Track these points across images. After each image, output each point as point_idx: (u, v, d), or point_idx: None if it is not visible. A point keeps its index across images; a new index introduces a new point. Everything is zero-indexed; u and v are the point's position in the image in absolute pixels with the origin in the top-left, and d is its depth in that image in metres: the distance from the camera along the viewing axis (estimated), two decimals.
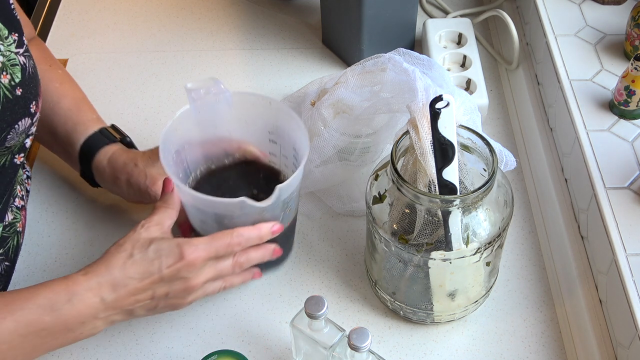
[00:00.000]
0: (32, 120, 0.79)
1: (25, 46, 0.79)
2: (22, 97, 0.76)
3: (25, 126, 0.78)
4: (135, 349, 0.83)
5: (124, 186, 0.87)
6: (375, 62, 0.86)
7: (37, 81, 0.80)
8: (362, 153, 0.92)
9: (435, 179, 0.72)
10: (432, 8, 1.24)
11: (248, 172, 0.90)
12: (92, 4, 1.27)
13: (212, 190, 0.88)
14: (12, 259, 0.87)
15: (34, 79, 0.79)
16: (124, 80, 1.14)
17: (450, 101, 0.69)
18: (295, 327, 0.75)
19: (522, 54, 1.11)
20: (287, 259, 0.89)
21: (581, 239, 0.89)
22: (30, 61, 0.79)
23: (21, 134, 0.78)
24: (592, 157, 0.87)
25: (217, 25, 1.23)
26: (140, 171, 0.86)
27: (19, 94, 0.76)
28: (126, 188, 0.87)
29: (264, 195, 0.79)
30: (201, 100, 0.83)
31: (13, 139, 0.77)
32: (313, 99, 0.93)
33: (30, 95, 0.78)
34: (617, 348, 0.78)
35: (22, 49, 0.77)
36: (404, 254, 0.76)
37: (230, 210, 0.77)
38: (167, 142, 0.81)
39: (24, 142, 0.80)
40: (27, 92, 0.77)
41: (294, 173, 0.77)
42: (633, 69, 0.87)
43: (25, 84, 0.77)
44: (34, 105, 0.78)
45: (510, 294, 0.88)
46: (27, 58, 0.78)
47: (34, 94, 0.79)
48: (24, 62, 0.77)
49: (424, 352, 0.83)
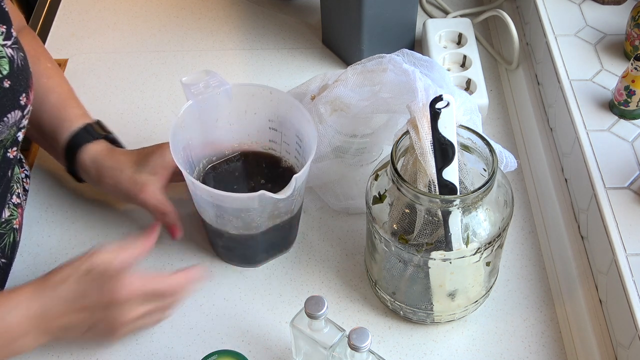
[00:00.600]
0: (22, 113, 0.78)
1: (14, 38, 0.78)
2: (10, 90, 0.76)
3: (15, 119, 0.77)
4: (135, 349, 0.83)
5: (110, 188, 0.88)
6: (377, 62, 0.86)
7: (28, 73, 0.80)
8: (357, 153, 0.92)
9: (435, 179, 0.72)
10: (432, 8, 1.24)
11: (249, 162, 0.92)
12: (92, 4, 1.27)
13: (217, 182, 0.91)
14: (9, 256, 0.87)
15: (23, 71, 0.78)
16: (124, 80, 1.14)
17: (450, 101, 0.69)
18: (295, 327, 0.75)
19: (522, 54, 1.11)
20: (292, 245, 0.92)
21: (581, 239, 0.89)
22: (20, 53, 0.78)
23: (12, 127, 0.78)
24: (592, 157, 0.87)
25: (217, 25, 1.23)
26: (127, 178, 0.86)
27: (7, 86, 0.75)
28: (113, 190, 0.88)
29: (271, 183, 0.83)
30: (202, 94, 0.84)
31: (3, 132, 0.77)
32: (314, 93, 0.93)
33: (20, 88, 0.77)
34: (617, 348, 0.78)
35: (9, 41, 0.77)
36: (404, 254, 0.76)
37: (248, 204, 0.78)
38: (175, 140, 0.82)
39: (15, 135, 0.80)
40: (16, 85, 0.76)
41: (307, 162, 0.79)
42: (633, 69, 0.87)
43: (13, 76, 0.76)
44: (24, 98, 0.78)
45: (510, 294, 0.88)
46: (15, 50, 0.77)
47: (23, 86, 0.78)
48: (11, 55, 0.76)
49: (424, 352, 0.83)
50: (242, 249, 0.88)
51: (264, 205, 0.80)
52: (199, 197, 0.82)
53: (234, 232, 0.84)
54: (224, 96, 0.86)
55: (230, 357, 0.73)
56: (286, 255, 0.92)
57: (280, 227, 0.85)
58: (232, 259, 0.90)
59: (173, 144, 0.81)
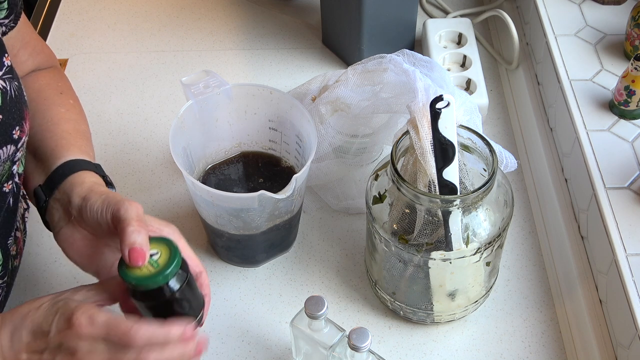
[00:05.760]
0: (16, 147, 0.72)
1: (6, 68, 0.72)
2: (2, 124, 0.70)
3: (8, 153, 0.72)
4: None
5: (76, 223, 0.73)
6: (377, 62, 0.86)
7: (22, 104, 0.74)
8: (358, 153, 0.92)
9: (435, 179, 0.72)
10: (432, 8, 1.24)
11: (249, 162, 0.92)
12: (92, 4, 1.27)
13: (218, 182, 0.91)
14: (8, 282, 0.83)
15: (17, 103, 0.72)
16: (124, 80, 1.14)
17: (450, 101, 0.69)
18: (295, 327, 0.76)
19: (522, 54, 1.11)
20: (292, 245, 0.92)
21: (581, 239, 0.89)
22: (14, 83, 0.73)
23: (5, 162, 0.72)
24: (592, 157, 0.87)
25: (217, 25, 1.23)
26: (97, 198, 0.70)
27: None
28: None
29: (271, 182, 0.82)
30: (202, 94, 0.84)
31: None
32: (314, 94, 0.93)
33: (13, 121, 0.71)
34: (617, 348, 0.78)
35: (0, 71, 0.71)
36: (404, 254, 0.76)
37: (248, 204, 0.78)
38: (175, 140, 0.82)
39: (10, 169, 0.74)
40: (9, 118, 0.71)
41: (307, 162, 0.79)
42: (633, 69, 0.87)
43: (5, 109, 0.70)
44: (17, 131, 0.72)
45: (510, 294, 0.88)
46: (8, 81, 0.72)
47: (17, 119, 0.72)
48: (3, 86, 0.71)
49: (424, 352, 0.83)
50: (242, 249, 0.88)
51: (263, 205, 0.80)
52: (199, 197, 0.82)
53: (234, 232, 0.84)
54: (224, 96, 0.86)
55: (159, 243, 0.65)
56: (286, 255, 0.92)
57: (280, 227, 0.86)
58: (232, 259, 0.90)
59: (173, 144, 0.81)
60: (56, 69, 0.88)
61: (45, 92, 0.81)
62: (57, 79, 0.86)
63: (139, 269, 0.63)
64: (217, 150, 0.92)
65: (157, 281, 0.62)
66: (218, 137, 0.91)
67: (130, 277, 0.62)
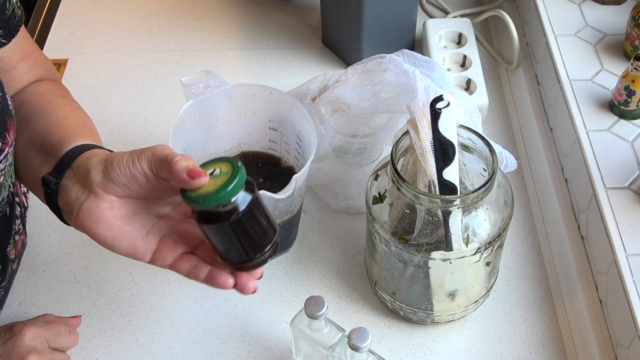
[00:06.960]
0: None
1: None
2: None
3: None
4: (135, 349, 0.83)
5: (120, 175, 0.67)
6: (377, 62, 0.86)
7: (5, 114, 0.71)
8: (358, 153, 0.92)
9: (435, 179, 0.72)
10: (432, 8, 1.24)
11: (249, 162, 0.92)
12: (92, 4, 1.27)
13: None
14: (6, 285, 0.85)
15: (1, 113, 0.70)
16: (124, 80, 1.14)
17: (450, 101, 0.69)
18: (295, 327, 0.75)
19: (522, 54, 1.11)
20: (292, 245, 0.92)
21: (581, 239, 0.89)
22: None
23: None
24: (592, 157, 0.87)
25: (217, 25, 1.23)
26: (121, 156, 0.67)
27: None
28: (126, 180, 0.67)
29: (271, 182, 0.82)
30: (202, 94, 0.84)
31: None
32: (314, 94, 0.93)
33: None
34: (617, 348, 0.78)
35: None
36: (404, 254, 0.76)
37: None
38: (175, 140, 0.82)
39: None
40: None
41: (307, 162, 0.79)
42: (633, 69, 0.87)
43: None
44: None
45: (510, 294, 0.88)
46: None
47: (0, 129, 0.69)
48: None
49: (424, 352, 0.83)
50: None
51: None
52: None
53: None
54: (224, 96, 0.86)
55: (224, 162, 0.63)
56: (286, 255, 0.92)
57: (280, 227, 0.85)
58: None
59: (173, 144, 0.81)
60: (57, 82, 0.86)
61: (48, 95, 0.81)
62: (58, 87, 0.84)
63: (202, 189, 0.59)
64: (217, 150, 0.92)
65: (224, 194, 0.58)
66: (218, 137, 0.91)
67: (194, 197, 0.59)
